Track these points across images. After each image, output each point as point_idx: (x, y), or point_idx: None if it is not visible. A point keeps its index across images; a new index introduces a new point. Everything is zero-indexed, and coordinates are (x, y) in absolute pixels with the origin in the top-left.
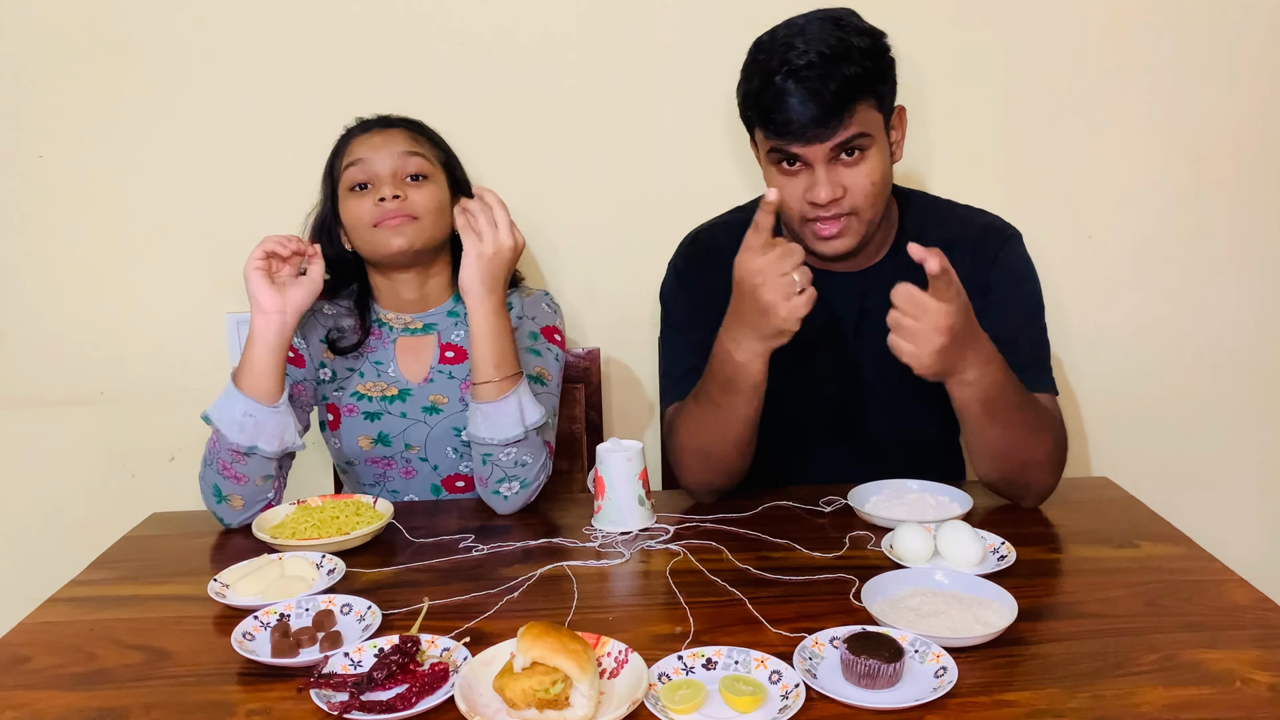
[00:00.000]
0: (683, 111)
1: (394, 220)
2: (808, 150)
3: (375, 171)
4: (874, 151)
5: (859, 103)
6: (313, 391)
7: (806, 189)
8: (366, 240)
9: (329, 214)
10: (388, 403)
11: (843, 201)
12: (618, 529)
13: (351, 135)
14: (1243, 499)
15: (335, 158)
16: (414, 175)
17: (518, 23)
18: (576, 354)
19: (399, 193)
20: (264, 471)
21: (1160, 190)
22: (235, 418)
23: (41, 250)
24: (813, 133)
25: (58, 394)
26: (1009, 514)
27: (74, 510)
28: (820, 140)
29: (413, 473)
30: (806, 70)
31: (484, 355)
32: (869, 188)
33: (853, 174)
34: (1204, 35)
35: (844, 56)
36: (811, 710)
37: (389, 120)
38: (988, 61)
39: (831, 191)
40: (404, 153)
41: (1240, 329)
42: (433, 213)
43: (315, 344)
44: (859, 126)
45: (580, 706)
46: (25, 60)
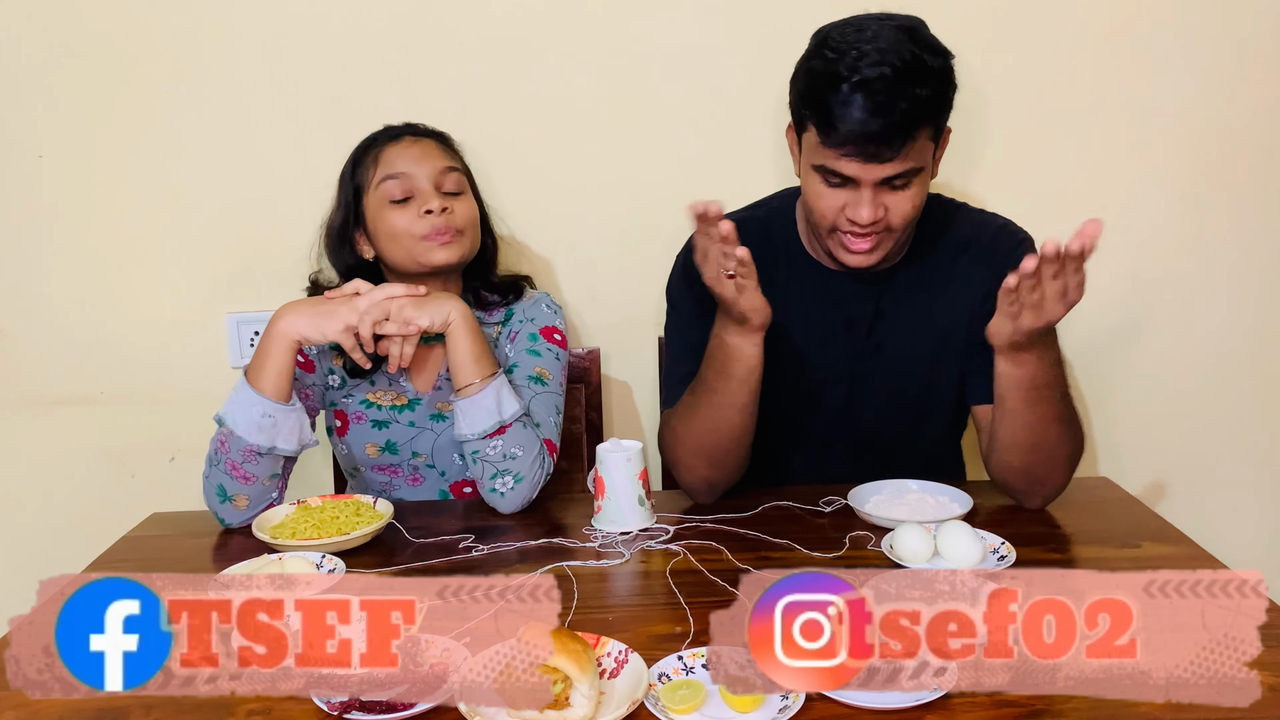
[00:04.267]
0: (684, 111)
1: (444, 236)
2: (863, 171)
3: (418, 186)
4: (920, 179)
5: (922, 129)
6: (320, 397)
7: (846, 204)
8: (410, 251)
9: (349, 221)
10: (396, 412)
11: (880, 221)
12: (618, 529)
13: (379, 144)
14: (1243, 499)
15: (361, 167)
16: (452, 190)
17: (517, 23)
18: (576, 354)
19: (446, 205)
20: (273, 471)
21: (1160, 190)
22: (254, 419)
23: (41, 250)
24: (870, 152)
25: (58, 394)
26: (1009, 514)
27: (74, 510)
28: (878, 162)
29: (420, 479)
30: (877, 84)
31: (462, 361)
32: (909, 212)
33: (896, 200)
34: (1204, 35)
35: (915, 76)
36: (811, 710)
37: (417, 129)
38: (987, 61)
39: (874, 213)
40: (444, 168)
41: (1240, 329)
42: (473, 226)
43: (325, 350)
44: (915, 160)
45: (580, 706)
46: (25, 60)
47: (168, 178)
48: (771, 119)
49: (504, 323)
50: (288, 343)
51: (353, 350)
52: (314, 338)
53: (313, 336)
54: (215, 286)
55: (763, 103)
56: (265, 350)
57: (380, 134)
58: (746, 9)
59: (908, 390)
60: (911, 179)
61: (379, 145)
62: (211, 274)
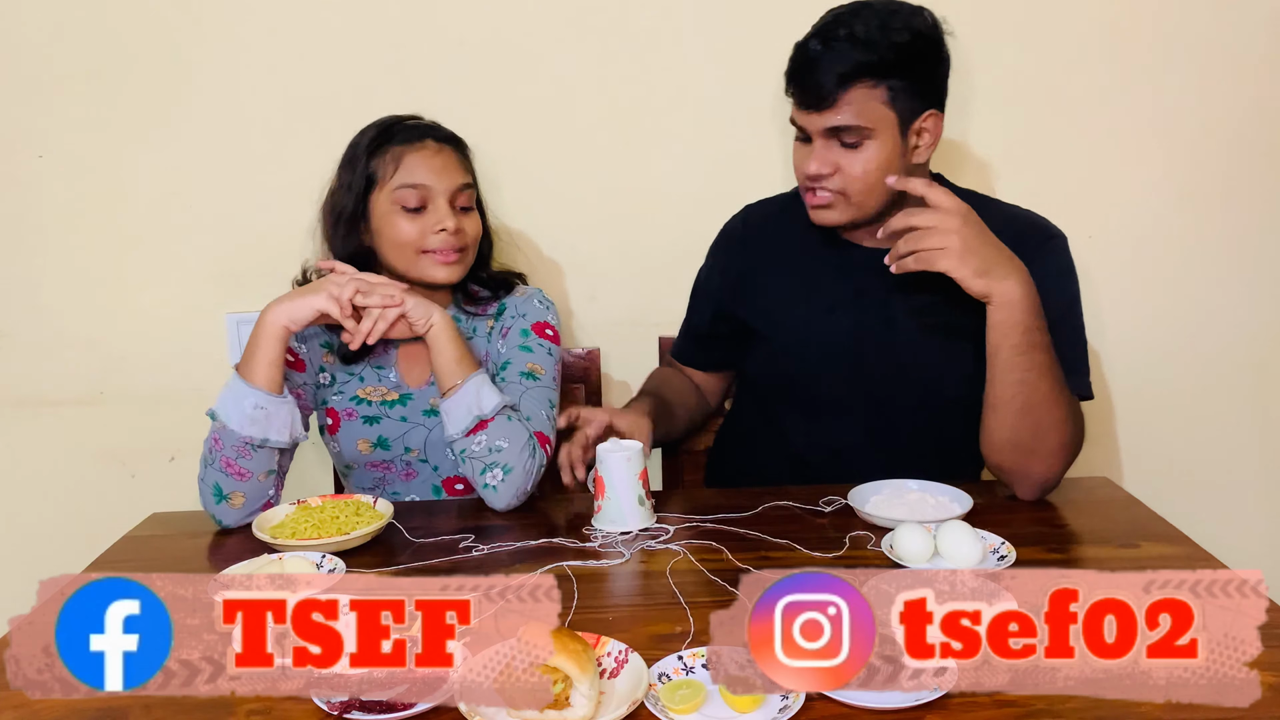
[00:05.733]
0: (684, 111)
1: (449, 255)
2: (806, 120)
3: (435, 200)
4: (875, 146)
5: (855, 87)
6: (312, 396)
7: (804, 159)
8: (409, 263)
9: (357, 211)
10: (387, 407)
11: (832, 179)
12: (618, 529)
13: (399, 142)
14: (1243, 499)
15: (379, 160)
16: (465, 206)
17: (517, 23)
18: (576, 354)
19: (459, 225)
20: (268, 466)
21: (1160, 190)
22: (246, 411)
23: (41, 250)
24: (812, 100)
25: (58, 394)
26: (1009, 514)
27: (74, 510)
28: (816, 110)
29: (413, 474)
30: (833, 42)
31: (444, 365)
32: (860, 176)
33: (848, 158)
34: (1204, 35)
35: (870, 43)
36: (811, 710)
37: (438, 133)
38: (987, 61)
39: (819, 167)
40: (461, 185)
41: (1240, 329)
42: (475, 243)
43: (315, 348)
44: (856, 117)
45: (580, 706)
46: (25, 60)
47: (168, 178)
48: (772, 119)
49: (496, 317)
50: (276, 331)
51: (342, 318)
52: (301, 315)
53: (300, 314)
54: (215, 286)
55: (764, 103)
56: (255, 342)
57: (400, 128)
58: (749, 9)
59: (919, 368)
60: (862, 139)
61: (399, 143)
62: (211, 274)
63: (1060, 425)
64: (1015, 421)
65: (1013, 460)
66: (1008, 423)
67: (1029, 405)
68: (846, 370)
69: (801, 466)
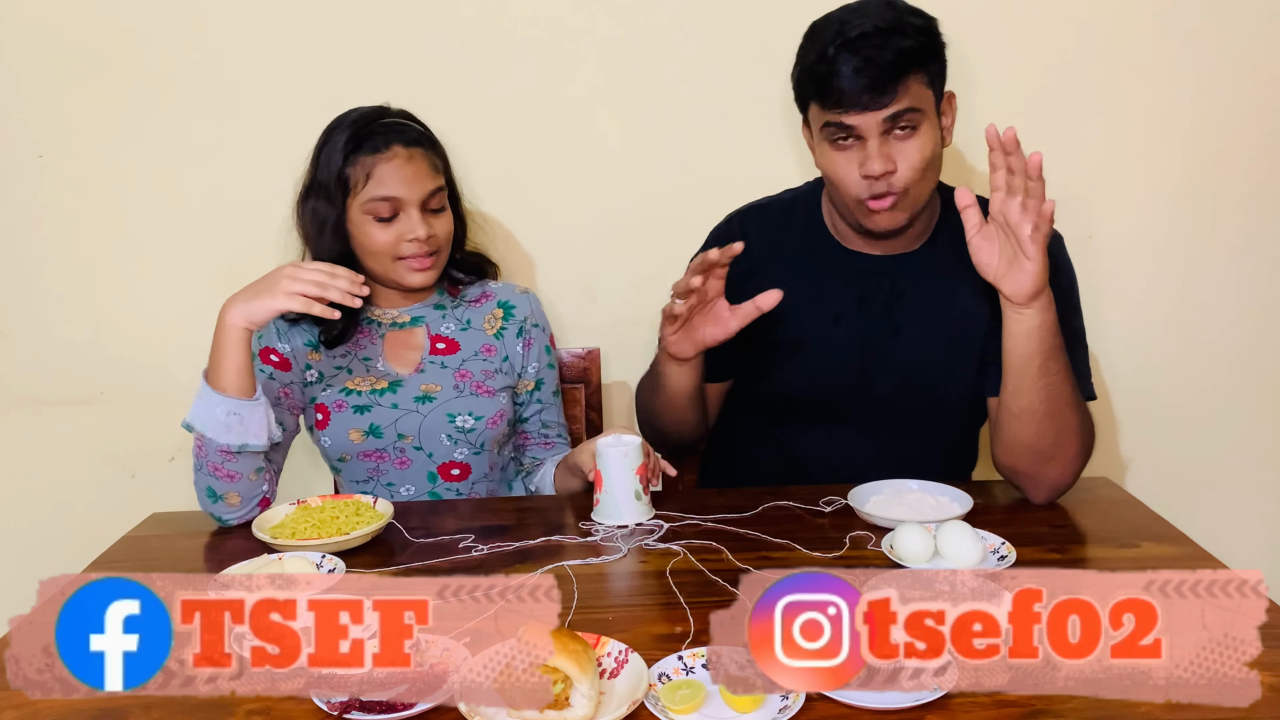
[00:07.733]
0: (684, 111)
1: (424, 261)
2: (862, 120)
3: (406, 210)
4: (925, 128)
5: (911, 75)
6: (300, 394)
7: (860, 163)
8: (385, 268)
9: (340, 219)
10: (377, 395)
11: (894, 177)
12: (615, 522)
13: (364, 150)
14: (1243, 499)
15: (351, 166)
16: (436, 208)
17: (516, 23)
18: (576, 354)
19: (431, 231)
20: (255, 465)
21: (1160, 190)
22: (219, 419)
23: (41, 250)
24: (867, 99)
25: (58, 394)
26: (1009, 514)
27: (74, 510)
28: (874, 108)
29: (407, 462)
30: (860, 41)
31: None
32: (919, 163)
33: (904, 148)
34: (1204, 35)
35: (898, 30)
36: (811, 710)
37: (406, 134)
38: (988, 61)
39: (884, 164)
40: (433, 190)
41: (1241, 329)
42: (449, 241)
43: (299, 346)
44: (911, 100)
45: (580, 706)
46: (25, 60)
47: (167, 178)
48: (772, 119)
49: (505, 317)
50: (237, 334)
51: (307, 308)
52: (259, 315)
53: (258, 315)
54: (215, 287)
55: (764, 102)
56: (218, 347)
57: (368, 133)
58: (746, 10)
59: (924, 375)
60: (915, 127)
61: (368, 153)
62: (211, 274)
63: (1079, 429)
64: (1040, 426)
65: (1030, 464)
66: (1032, 428)
67: (1054, 410)
68: (851, 379)
69: (798, 473)
